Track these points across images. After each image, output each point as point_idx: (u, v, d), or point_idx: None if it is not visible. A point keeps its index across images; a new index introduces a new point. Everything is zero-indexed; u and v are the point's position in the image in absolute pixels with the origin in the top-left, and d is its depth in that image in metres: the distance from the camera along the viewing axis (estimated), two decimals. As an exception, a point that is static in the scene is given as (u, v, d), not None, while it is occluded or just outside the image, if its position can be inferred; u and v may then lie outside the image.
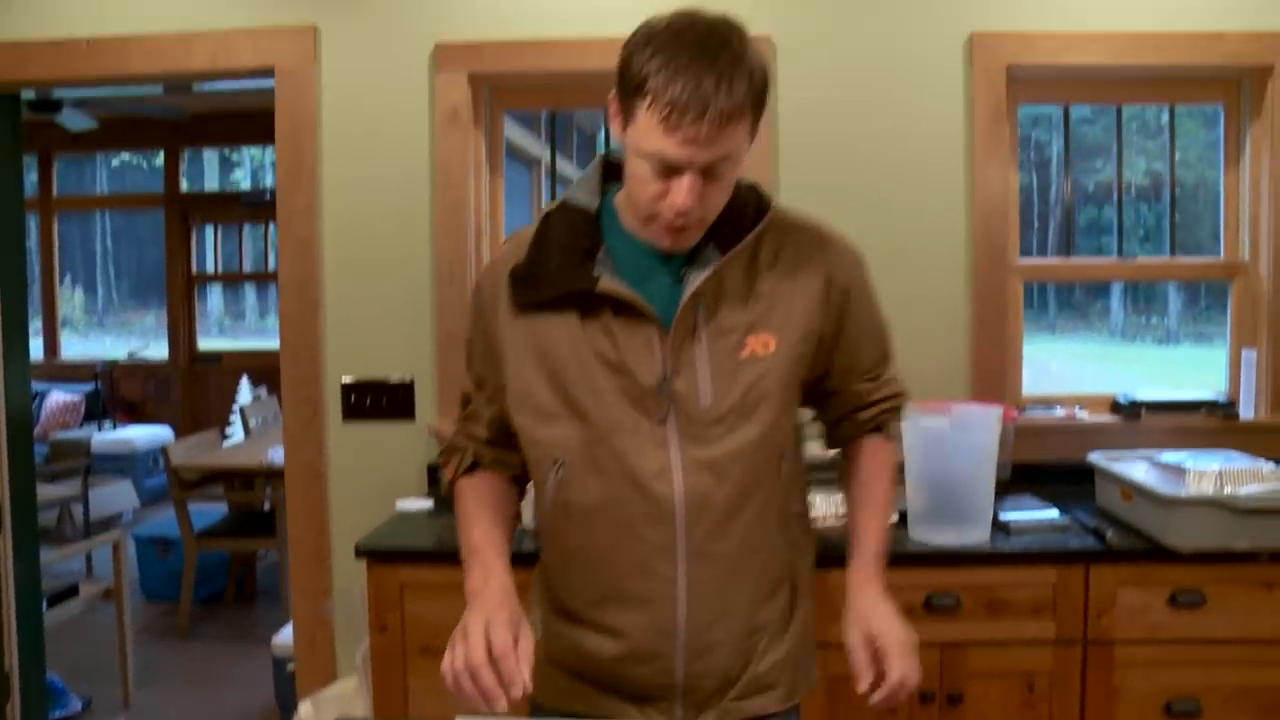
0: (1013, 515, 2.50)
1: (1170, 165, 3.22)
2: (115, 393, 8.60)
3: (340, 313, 3.03)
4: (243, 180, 11.18)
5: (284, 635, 3.46)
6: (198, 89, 6.67)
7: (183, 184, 8.96)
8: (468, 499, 1.61)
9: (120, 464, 7.54)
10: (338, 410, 3.05)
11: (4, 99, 3.18)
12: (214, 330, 11.25)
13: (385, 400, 3.02)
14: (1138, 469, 2.55)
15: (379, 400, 3.02)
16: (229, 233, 9.13)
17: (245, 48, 2.98)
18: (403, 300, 3.00)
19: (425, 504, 2.82)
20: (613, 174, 1.55)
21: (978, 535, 2.40)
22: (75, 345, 10.64)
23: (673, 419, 1.45)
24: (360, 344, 3.04)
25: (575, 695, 1.58)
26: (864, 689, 1.44)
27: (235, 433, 7.02)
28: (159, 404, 8.70)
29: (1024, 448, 2.89)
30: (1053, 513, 2.53)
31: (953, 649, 2.35)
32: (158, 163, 8.94)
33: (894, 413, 1.66)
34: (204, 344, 9.02)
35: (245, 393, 7.61)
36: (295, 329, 3.03)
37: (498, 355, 1.54)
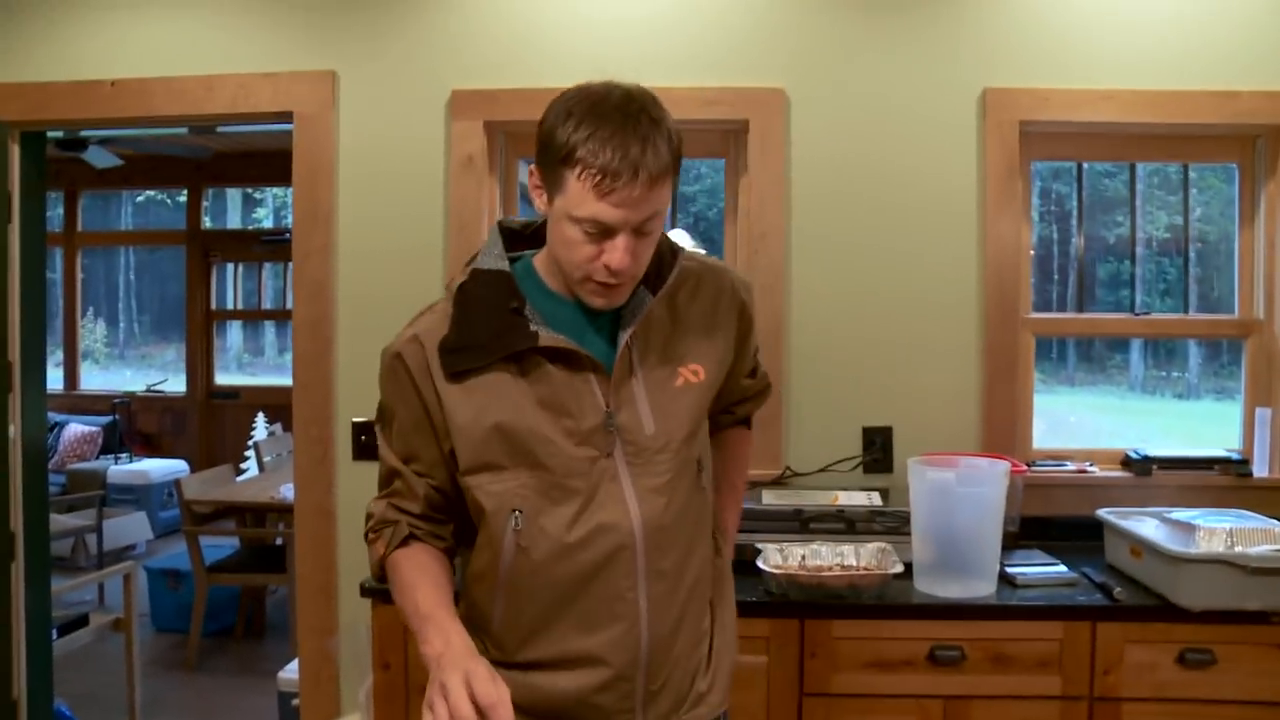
0: (1019, 569, 2.49)
1: (1185, 222, 3.23)
2: (133, 425, 8.65)
3: (353, 353, 3.05)
4: (265, 219, 11.28)
5: (290, 670, 3.46)
6: (221, 130, 6.76)
7: (205, 221, 9.06)
8: (404, 569, 1.59)
9: (135, 496, 7.58)
10: (348, 449, 3.07)
11: (30, 138, 3.24)
12: (233, 366, 11.29)
13: (396, 440, 3.03)
14: (1147, 526, 2.55)
15: (389, 440, 3.03)
16: (249, 270, 9.22)
17: (265, 92, 3.03)
18: (416, 342, 3.01)
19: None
20: (512, 240, 1.63)
21: (983, 588, 2.39)
22: (96, 377, 10.71)
23: (619, 451, 1.53)
24: (372, 384, 2.99)
25: None
26: None
27: (250, 468, 7.05)
28: (176, 438, 8.75)
29: (1033, 502, 2.89)
30: (1060, 568, 2.51)
31: (956, 702, 2.33)
32: (181, 199, 9.04)
33: (760, 404, 1.91)
34: (222, 379, 9.08)
35: (261, 429, 7.66)
36: (309, 368, 3.06)
37: (435, 426, 1.55)
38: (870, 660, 2.35)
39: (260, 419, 7.86)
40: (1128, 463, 3.01)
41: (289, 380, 3.10)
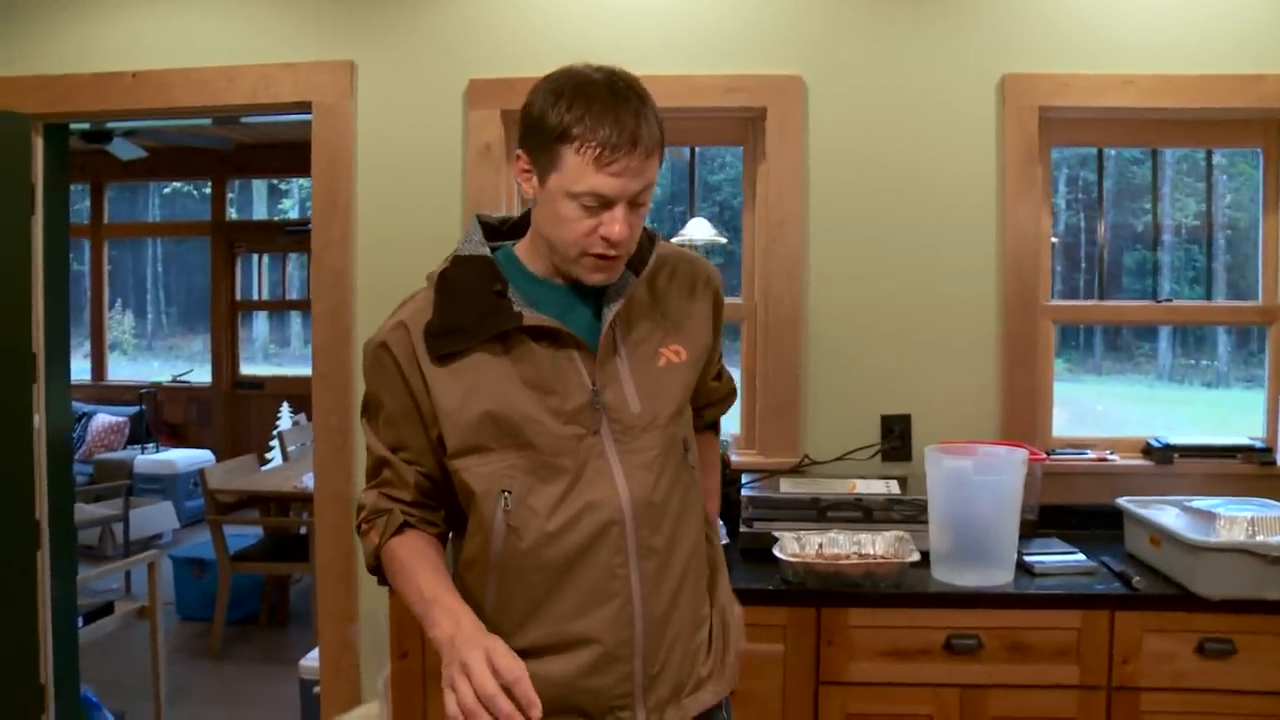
0: (1037, 558, 2.48)
1: (1208, 208, 3.20)
2: (159, 416, 8.73)
3: (373, 342, 3.06)
4: (290, 209, 11.34)
5: (312, 658, 3.49)
6: (245, 121, 6.81)
7: (230, 212, 9.12)
8: (401, 556, 1.59)
9: (162, 486, 7.65)
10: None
11: (52, 130, 3.27)
12: (259, 356, 11.37)
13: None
14: (1167, 514, 2.53)
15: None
16: (274, 261, 9.27)
17: (285, 82, 3.05)
18: (434, 331, 3.03)
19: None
20: (490, 235, 1.66)
21: (1001, 577, 2.38)
22: (124, 368, 10.82)
23: (606, 429, 1.55)
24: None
25: None
26: None
27: (274, 458, 7.10)
28: (202, 428, 8.82)
29: (1054, 491, 2.87)
30: (1079, 556, 2.50)
31: (973, 691, 2.32)
32: (207, 190, 9.10)
33: (724, 409, 1.92)
34: (249, 370, 9.15)
35: (286, 419, 7.72)
36: (328, 358, 3.08)
37: (422, 413, 1.56)
38: (887, 649, 2.34)
39: (285, 409, 7.92)
40: (1149, 451, 2.99)
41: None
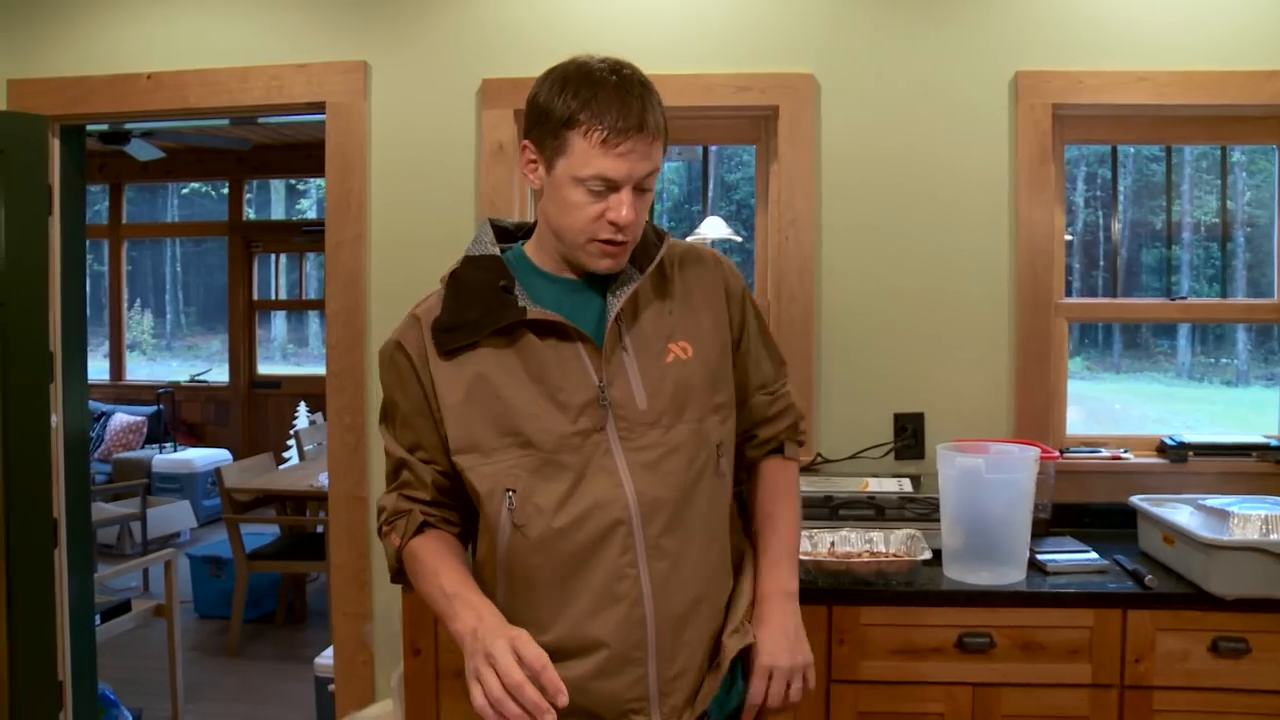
0: (1050, 557, 2.47)
1: (1222, 205, 3.18)
2: (177, 415, 8.78)
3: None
4: (308, 209, 11.40)
5: (326, 656, 3.51)
6: (261, 122, 6.84)
7: (248, 213, 9.16)
8: (423, 556, 1.61)
9: (180, 485, 7.70)
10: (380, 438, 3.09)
11: (69, 131, 3.30)
12: (277, 356, 11.44)
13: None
14: (1181, 513, 2.51)
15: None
16: (292, 261, 9.31)
17: (298, 83, 3.06)
18: (447, 330, 3.04)
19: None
20: (505, 239, 1.68)
21: (1013, 575, 2.37)
22: (143, 368, 10.90)
23: (611, 426, 1.55)
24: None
25: None
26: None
27: (291, 457, 7.14)
28: (219, 427, 8.87)
29: (1067, 489, 2.86)
30: (1091, 555, 2.49)
31: (985, 690, 2.31)
32: (225, 191, 9.16)
33: (791, 431, 1.81)
34: (266, 369, 9.20)
35: (303, 418, 7.75)
36: (342, 357, 3.09)
37: (433, 410, 1.58)
38: (898, 647, 2.34)
39: (302, 408, 7.96)
40: (1163, 449, 2.97)
41: (331, 370, 3.14)
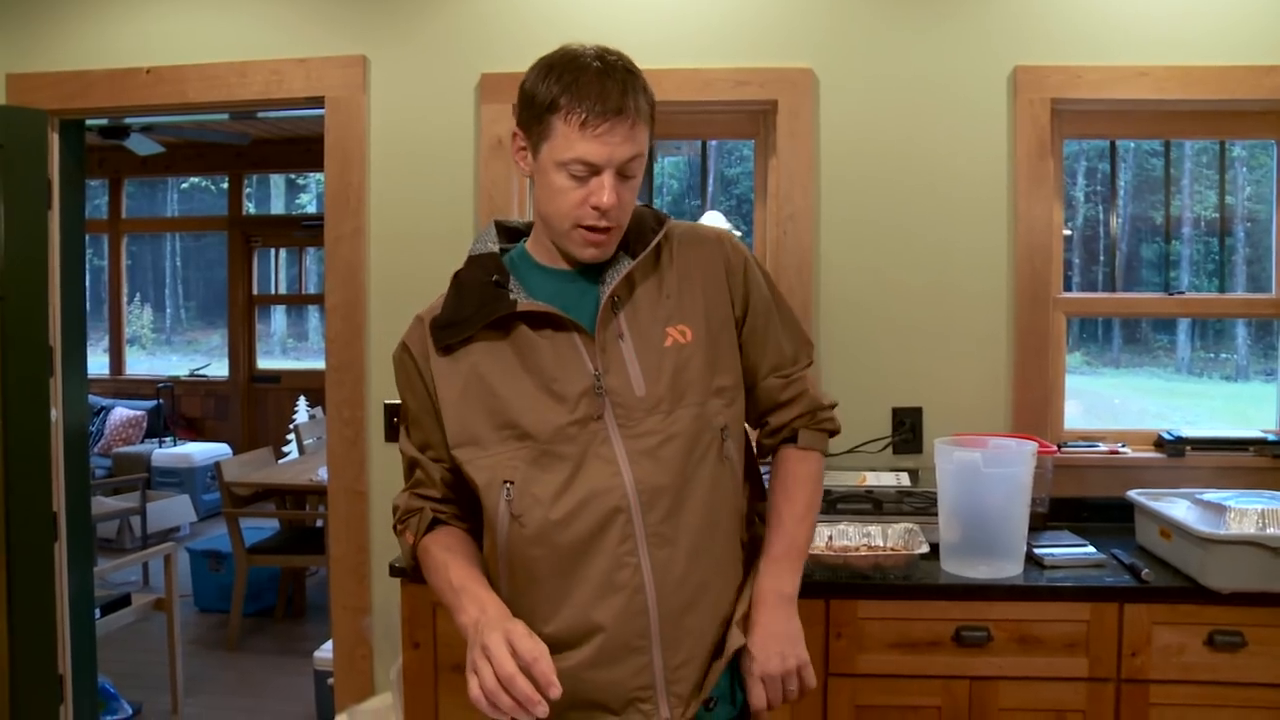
0: (1047, 550, 2.48)
1: (1220, 200, 3.19)
2: (176, 409, 8.79)
3: (385, 336, 3.08)
4: (308, 204, 11.40)
5: (325, 650, 3.52)
6: (261, 116, 6.84)
7: (248, 207, 9.16)
8: (434, 551, 1.64)
9: (179, 479, 7.71)
10: (380, 432, 3.10)
11: (68, 125, 3.30)
12: (277, 350, 11.45)
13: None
14: (1178, 507, 2.52)
15: (421, 422, 3.06)
16: (291, 255, 9.31)
17: (297, 77, 3.07)
18: (446, 324, 3.04)
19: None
20: (507, 235, 1.72)
21: (1010, 569, 2.38)
22: (142, 362, 10.90)
23: (609, 414, 1.55)
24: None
25: None
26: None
27: (291, 451, 7.14)
28: (219, 422, 8.88)
29: (1065, 483, 2.87)
30: (1088, 549, 2.50)
31: (982, 683, 2.32)
32: (225, 185, 9.16)
33: (808, 419, 1.73)
34: (267, 364, 9.20)
35: (302, 412, 7.75)
36: (341, 351, 3.10)
37: (436, 407, 1.61)
38: (896, 640, 2.35)
39: (301, 402, 7.97)
40: (1160, 444, 2.98)
41: (330, 364, 3.14)
